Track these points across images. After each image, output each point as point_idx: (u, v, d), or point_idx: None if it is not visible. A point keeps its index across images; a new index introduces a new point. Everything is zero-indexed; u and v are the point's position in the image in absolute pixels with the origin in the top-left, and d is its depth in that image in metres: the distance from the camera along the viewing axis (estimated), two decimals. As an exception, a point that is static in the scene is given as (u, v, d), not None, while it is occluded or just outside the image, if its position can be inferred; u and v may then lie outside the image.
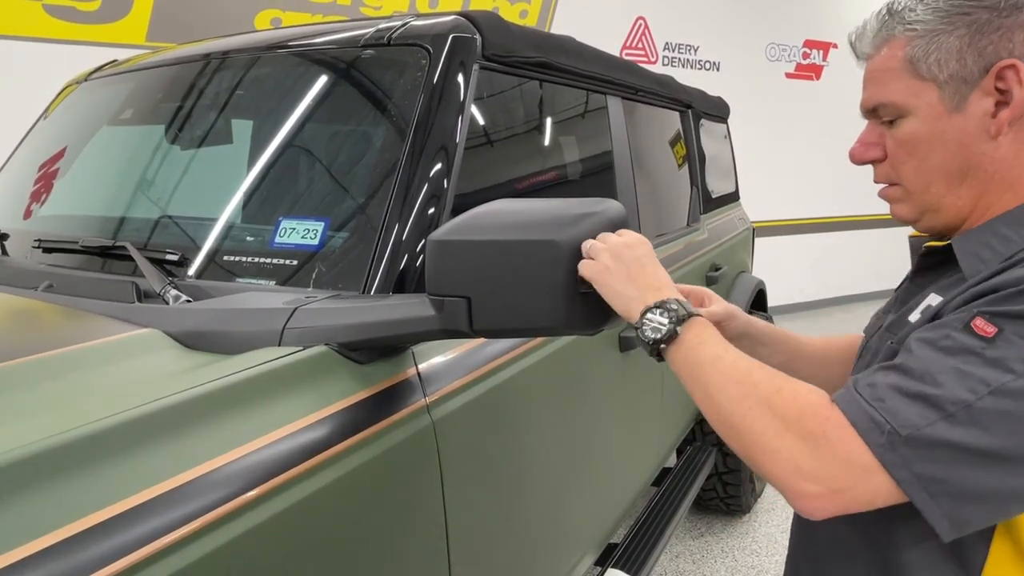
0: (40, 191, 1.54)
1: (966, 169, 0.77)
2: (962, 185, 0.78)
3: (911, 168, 0.81)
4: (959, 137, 0.76)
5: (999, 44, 0.73)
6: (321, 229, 1.08)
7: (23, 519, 0.58)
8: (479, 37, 1.25)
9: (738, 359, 0.76)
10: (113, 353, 0.86)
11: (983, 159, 0.76)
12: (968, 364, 0.65)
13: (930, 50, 0.76)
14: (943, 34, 0.76)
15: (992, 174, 0.77)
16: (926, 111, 0.78)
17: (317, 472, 0.80)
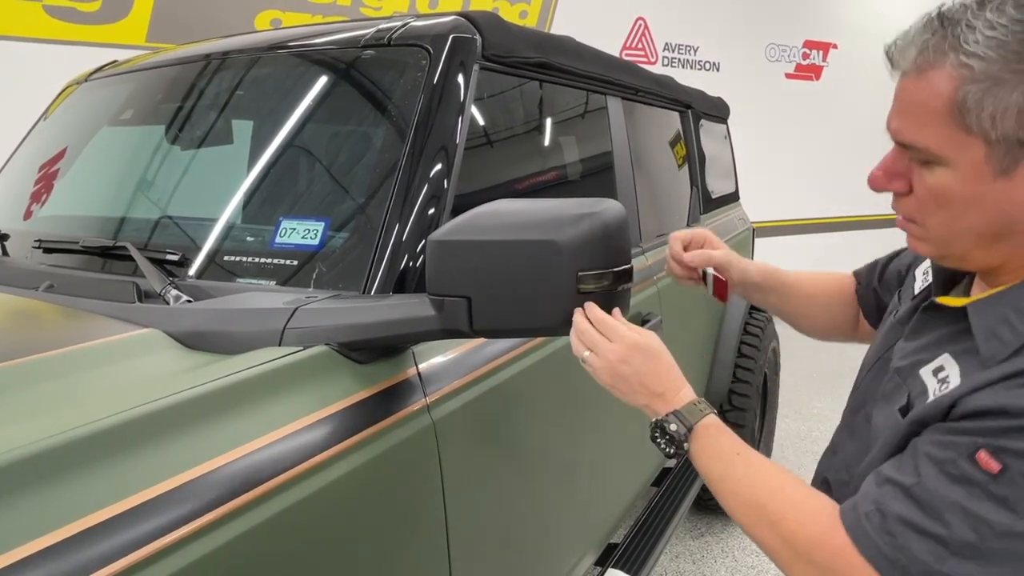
0: (40, 192, 1.54)
1: (1003, 233, 0.69)
2: (994, 245, 0.70)
3: (939, 220, 0.71)
4: (1002, 203, 0.67)
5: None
6: (321, 229, 1.08)
7: (24, 519, 0.58)
8: (479, 37, 1.25)
9: (742, 475, 0.78)
10: (114, 353, 0.86)
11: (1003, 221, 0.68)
12: (973, 499, 0.64)
13: (986, 102, 0.63)
14: (1007, 85, 0.62)
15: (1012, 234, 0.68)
16: (968, 169, 0.66)
17: (317, 472, 0.80)
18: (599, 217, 0.84)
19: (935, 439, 0.68)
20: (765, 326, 2.90)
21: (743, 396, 2.69)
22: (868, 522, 0.69)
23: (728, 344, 2.69)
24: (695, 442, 0.82)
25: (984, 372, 0.67)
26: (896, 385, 0.78)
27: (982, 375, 0.67)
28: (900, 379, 0.78)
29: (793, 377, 4.65)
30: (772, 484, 0.77)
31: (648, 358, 0.84)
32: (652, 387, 0.84)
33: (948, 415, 0.68)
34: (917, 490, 0.67)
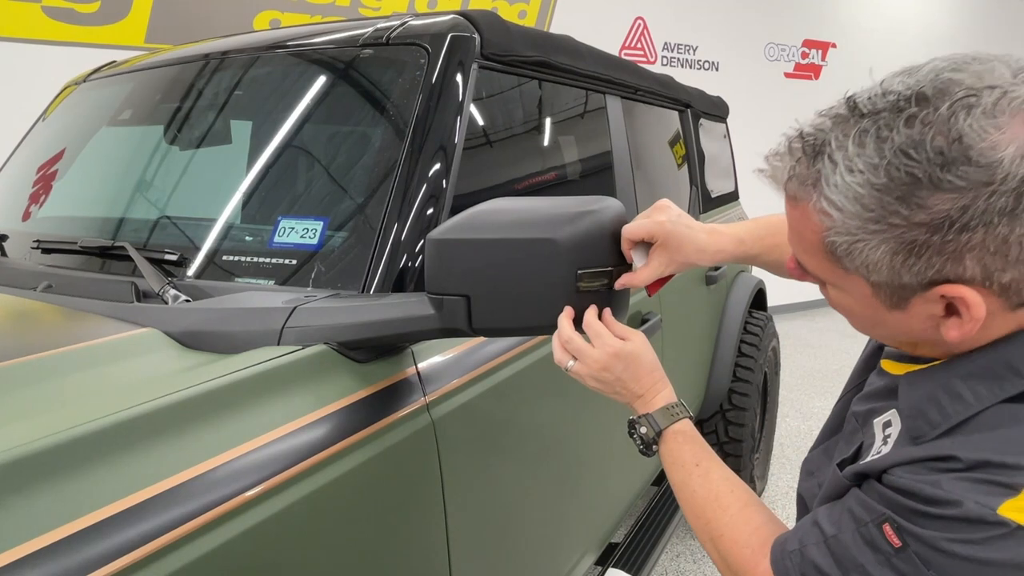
0: (39, 192, 1.54)
1: (907, 339, 0.68)
2: (903, 344, 0.71)
3: (853, 322, 0.71)
4: (904, 327, 0.65)
5: (944, 267, 0.58)
6: (320, 228, 1.08)
7: (23, 518, 0.58)
8: (478, 36, 1.24)
9: (697, 487, 0.82)
10: (112, 353, 0.86)
11: (926, 336, 0.65)
12: (877, 566, 0.63)
13: (853, 254, 0.61)
14: (870, 242, 0.59)
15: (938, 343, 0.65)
16: (860, 299, 0.65)
17: (316, 471, 0.80)
18: (598, 215, 0.84)
19: (860, 498, 0.67)
20: (765, 325, 2.90)
21: (743, 395, 2.69)
22: (789, 560, 0.71)
23: (728, 343, 2.69)
24: (663, 445, 0.87)
25: (910, 448, 0.65)
26: (853, 430, 0.77)
27: (907, 450, 0.65)
28: (857, 424, 0.77)
29: (793, 376, 4.65)
30: (722, 501, 0.81)
31: (629, 363, 0.86)
32: (633, 389, 0.88)
33: (880, 477, 0.66)
34: (833, 543, 0.67)
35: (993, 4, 7.72)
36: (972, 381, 0.63)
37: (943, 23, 7.36)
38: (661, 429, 0.86)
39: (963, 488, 0.59)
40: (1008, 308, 0.60)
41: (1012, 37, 8.00)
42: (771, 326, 3.00)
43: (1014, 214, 0.53)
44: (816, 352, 5.33)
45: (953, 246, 0.56)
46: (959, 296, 0.58)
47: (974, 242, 0.55)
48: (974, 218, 0.53)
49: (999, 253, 0.55)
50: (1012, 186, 0.52)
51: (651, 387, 0.88)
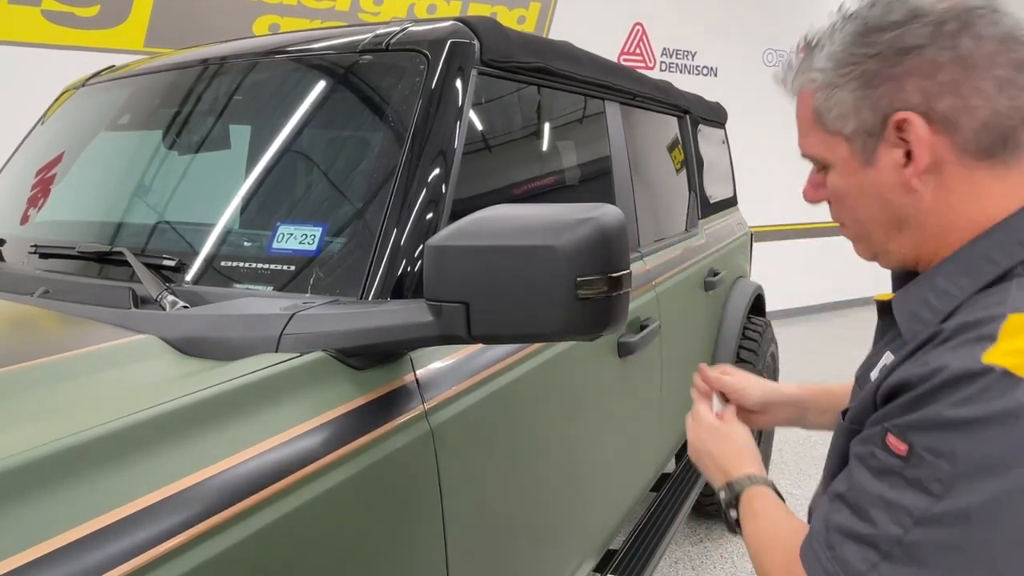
0: (37, 196, 1.53)
1: (898, 220, 0.74)
2: (901, 233, 0.75)
3: (847, 217, 0.79)
4: (879, 191, 0.73)
5: (893, 95, 0.68)
6: (319, 234, 1.08)
7: (19, 526, 0.57)
8: (477, 43, 1.25)
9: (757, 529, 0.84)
10: (110, 359, 0.86)
11: (910, 210, 0.72)
12: (893, 489, 0.62)
13: (830, 104, 0.73)
14: (838, 87, 0.72)
15: (924, 224, 0.72)
16: (842, 166, 0.75)
17: (315, 479, 0.79)
18: (597, 222, 0.84)
19: (860, 437, 0.68)
20: (764, 330, 2.90)
21: (742, 401, 2.69)
22: (815, 541, 0.69)
23: (727, 348, 2.69)
24: (741, 508, 0.88)
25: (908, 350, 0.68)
26: (854, 394, 0.80)
27: (898, 358, 0.69)
28: (858, 387, 0.80)
29: (792, 381, 4.65)
30: (772, 530, 0.82)
31: (720, 440, 0.96)
32: (721, 465, 0.94)
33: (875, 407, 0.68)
34: (849, 495, 0.67)
35: (990, 11, 7.74)
36: (954, 276, 0.69)
37: (941, 29, 7.39)
38: (739, 493, 0.88)
39: (946, 354, 0.63)
40: (958, 153, 0.69)
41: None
42: (770, 331, 3.00)
43: (934, 39, 0.67)
44: (815, 358, 5.33)
45: (896, 71, 0.68)
46: (906, 119, 0.68)
47: (909, 65, 0.68)
48: (907, 45, 0.68)
49: (931, 77, 0.67)
50: (931, 19, 0.67)
51: (737, 463, 0.92)
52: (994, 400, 0.58)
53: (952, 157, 0.68)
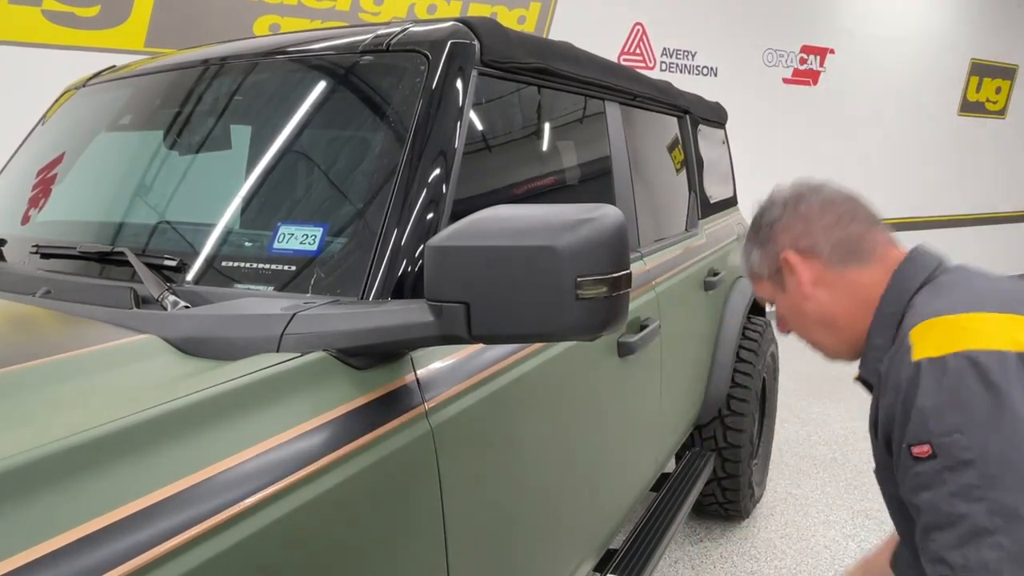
0: (38, 197, 1.54)
1: (819, 320, 1.13)
2: (830, 331, 1.14)
3: (798, 330, 1.19)
4: (796, 305, 1.15)
5: (775, 247, 1.15)
6: (320, 235, 1.08)
7: (22, 524, 0.58)
8: (477, 43, 1.25)
9: None
10: (111, 359, 0.86)
11: (819, 310, 1.12)
12: (948, 483, 0.84)
13: (752, 263, 1.21)
14: (751, 254, 1.21)
15: (835, 315, 1.11)
16: (775, 296, 1.19)
17: (315, 478, 0.80)
18: (597, 223, 0.84)
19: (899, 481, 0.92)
20: (764, 331, 2.91)
21: (742, 401, 2.69)
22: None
23: (727, 348, 2.69)
24: None
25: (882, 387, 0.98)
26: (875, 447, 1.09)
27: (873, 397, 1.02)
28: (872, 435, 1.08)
29: (792, 382, 4.65)
30: None
31: None
32: None
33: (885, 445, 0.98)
34: (931, 521, 0.85)
35: (990, 8, 7.75)
36: (878, 336, 1.06)
37: (941, 28, 7.39)
38: None
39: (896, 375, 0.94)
40: (825, 266, 1.10)
41: (1008, 41, 8.03)
42: (770, 331, 3.00)
43: (783, 212, 1.15)
44: (815, 358, 5.30)
45: (772, 233, 1.16)
46: (787, 256, 1.13)
47: (777, 228, 1.15)
48: (772, 219, 1.17)
49: (790, 230, 1.13)
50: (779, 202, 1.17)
51: None
52: (941, 378, 0.87)
53: (824, 270, 1.11)
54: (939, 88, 7.55)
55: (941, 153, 7.68)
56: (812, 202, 1.13)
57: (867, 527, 2.90)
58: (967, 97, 7.84)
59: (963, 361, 0.86)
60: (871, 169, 6.99)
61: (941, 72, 7.52)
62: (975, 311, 0.92)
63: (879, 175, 7.09)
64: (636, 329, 1.76)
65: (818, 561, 2.66)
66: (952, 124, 7.76)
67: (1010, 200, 8.46)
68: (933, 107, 7.54)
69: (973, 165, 8.02)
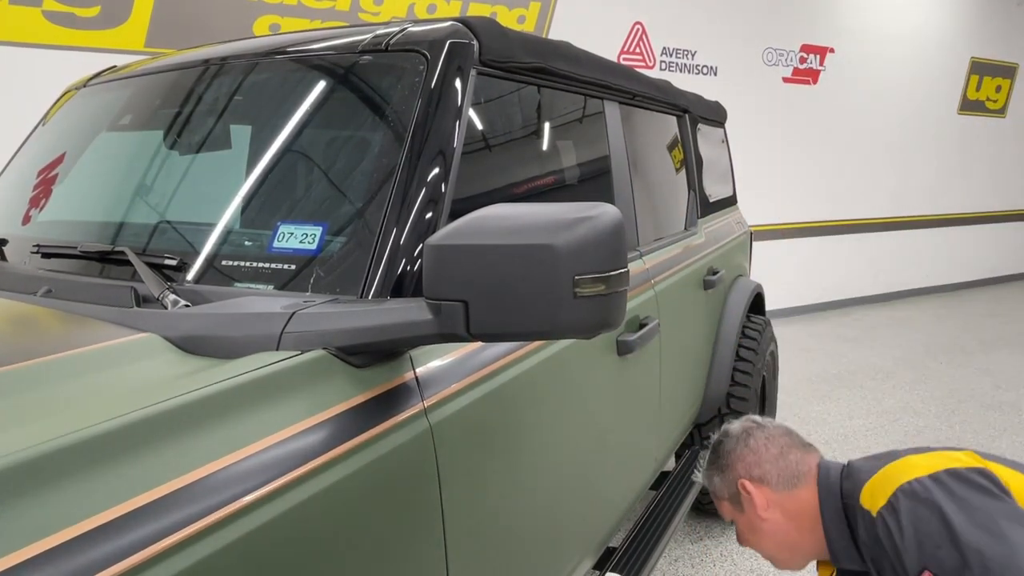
0: (39, 197, 1.54)
1: (778, 541, 1.36)
2: (788, 549, 1.37)
3: (755, 547, 1.42)
4: (754, 525, 1.37)
5: (733, 474, 1.38)
6: (319, 234, 1.08)
7: (24, 522, 0.58)
8: (476, 43, 1.25)
9: None
10: (112, 358, 0.87)
11: (776, 530, 1.35)
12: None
13: (714, 486, 1.43)
14: (713, 477, 1.44)
15: (791, 536, 1.34)
16: (735, 516, 1.41)
17: (315, 476, 0.80)
18: (595, 221, 0.84)
19: None
20: (763, 329, 2.91)
21: (741, 399, 2.69)
22: None
23: (726, 347, 2.70)
24: None
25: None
26: None
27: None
28: None
29: (791, 380, 4.66)
30: None
31: None
32: None
33: None
34: None
35: (989, 8, 7.74)
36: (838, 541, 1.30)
37: (940, 27, 7.39)
38: None
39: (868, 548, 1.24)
40: (775, 491, 1.35)
41: (1008, 39, 8.02)
42: (769, 330, 3.01)
43: (736, 445, 1.42)
44: (814, 356, 5.33)
45: (729, 462, 1.41)
46: (744, 484, 1.37)
47: (732, 459, 1.40)
48: (727, 450, 1.42)
49: (744, 460, 1.39)
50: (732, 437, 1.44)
51: None
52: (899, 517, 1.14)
53: (776, 494, 1.35)
54: (939, 87, 7.55)
55: (941, 152, 7.68)
56: (758, 437, 1.39)
57: (867, 525, 2.91)
58: (967, 96, 7.84)
59: (902, 496, 1.14)
60: (871, 168, 6.99)
61: (941, 71, 7.52)
62: (893, 461, 1.22)
63: (879, 174, 7.09)
64: (635, 328, 1.76)
65: (818, 559, 2.67)
66: (952, 123, 7.76)
67: (1010, 199, 8.46)
68: (933, 106, 7.54)
69: (973, 164, 8.02)
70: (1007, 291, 8.14)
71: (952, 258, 8.01)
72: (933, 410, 4.17)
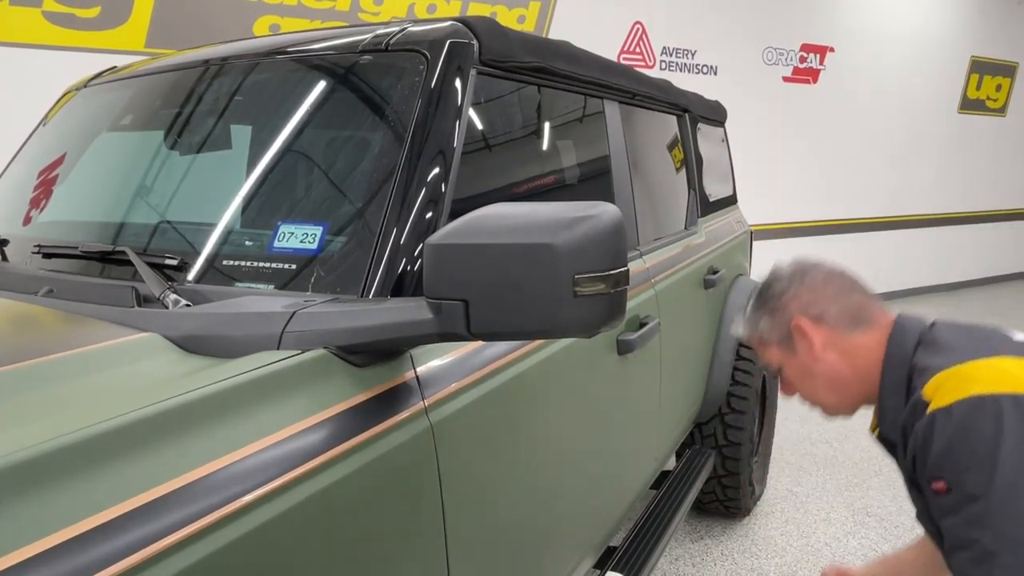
0: (40, 197, 1.54)
1: (828, 381, 1.25)
2: (836, 391, 1.26)
3: (805, 393, 1.31)
4: (806, 367, 1.26)
5: (785, 314, 1.26)
6: (319, 233, 1.09)
7: (25, 521, 0.58)
8: (476, 43, 1.25)
9: None
10: (113, 357, 0.87)
11: (829, 372, 1.24)
12: (963, 514, 0.99)
13: (760, 331, 1.31)
14: (759, 322, 1.31)
15: (844, 377, 1.23)
16: (783, 361, 1.30)
17: (315, 475, 0.80)
18: (595, 220, 0.85)
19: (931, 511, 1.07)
20: (763, 329, 2.91)
21: (742, 399, 2.70)
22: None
23: (727, 346, 2.70)
24: None
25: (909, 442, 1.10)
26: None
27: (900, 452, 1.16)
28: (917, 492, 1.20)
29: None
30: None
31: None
32: None
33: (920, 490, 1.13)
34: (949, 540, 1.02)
35: (989, 7, 7.74)
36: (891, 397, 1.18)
37: (940, 26, 7.39)
38: None
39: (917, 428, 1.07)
40: (833, 331, 1.23)
41: (1008, 38, 8.02)
42: (769, 330, 3.00)
43: (790, 284, 1.27)
44: (815, 355, 5.33)
45: (782, 303, 1.27)
46: (799, 324, 1.24)
47: (786, 299, 1.27)
48: (780, 292, 1.28)
49: (799, 299, 1.25)
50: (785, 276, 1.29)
51: None
52: (949, 424, 1.02)
53: (833, 335, 1.23)
54: (939, 86, 7.54)
55: (941, 151, 7.67)
56: (816, 275, 1.27)
57: (867, 524, 2.91)
58: (967, 95, 7.83)
59: (967, 406, 1.01)
60: (871, 167, 6.99)
61: (941, 70, 7.51)
62: (973, 359, 1.07)
63: (879, 173, 7.09)
64: (635, 327, 1.76)
65: (819, 558, 2.67)
66: (952, 122, 7.76)
67: (1009, 198, 8.46)
68: (933, 105, 7.53)
69: (973, 163, 8.01)
70: (1006, 290, 8.14)
71: (951, 257, 8.01)
72: (933, 409, 4.17)
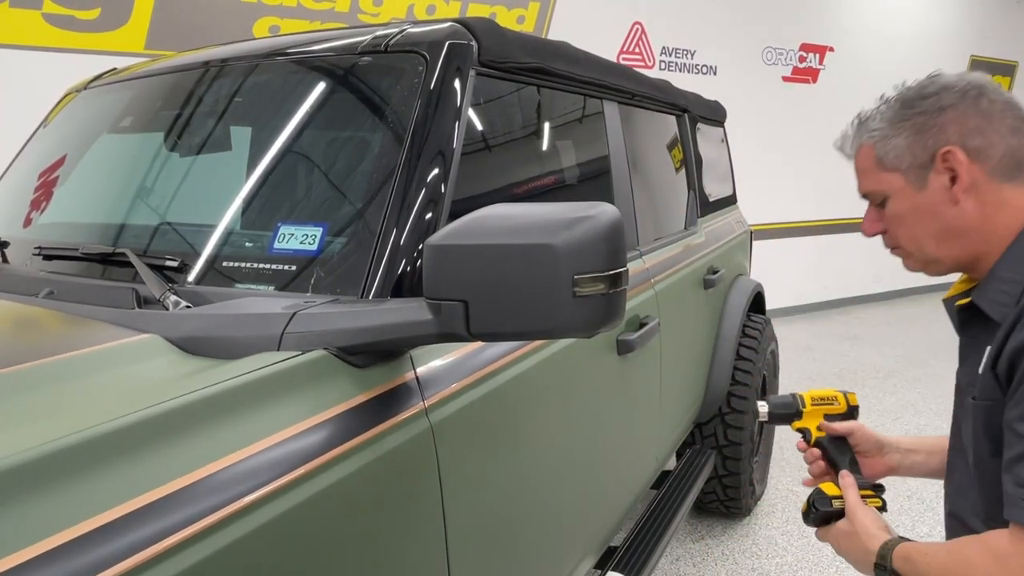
0: (40, 199, 1.54)
1: (947, 230, 0.99)
2: (949, 243, 1.00)
3: (904, 236, 1.04)
4: (931, 208, 1.00)
5: (938, 136, 0.97)
6: (319, 234, 1.09)
7: (25, 522, 0.59)
8: (475, 44, 1.26)
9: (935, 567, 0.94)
10: (113, 359, 0.87)
11: (956, 220, 0.98)
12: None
13: (888, 150, 1.01)
14: (893, 137, 1.01)
15: (968, 230, 0.98)
16: (900, 194, 1.02)
17: (315, 476, 0.80)
18: (594, 220, 0.85)
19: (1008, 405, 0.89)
20: (764, 328, 2.91)
21: (742, 398, 2.70)
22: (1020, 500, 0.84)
23: (727, 346, 2.70)
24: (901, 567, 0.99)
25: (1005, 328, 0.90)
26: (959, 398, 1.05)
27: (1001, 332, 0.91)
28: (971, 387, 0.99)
29: (792, 379, 4.65)
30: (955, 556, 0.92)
31: (846, 538, 1.09)
32: (859, 555, 1.06)
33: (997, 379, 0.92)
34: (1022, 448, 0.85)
35: (989, 6, 7.74)
36: (1012, 268, 0.96)
37: (940, 25, 7.39)
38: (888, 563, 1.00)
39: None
40: (988, 176, 0.96)
41: (1008, 37, 8.02)
42: (769, 329, 3.01)
43: (962, 100, 0.97)
44: (815, 355, 5.33)
45: (939, 120, 0.98)
46: (950, 151, 0.96)
47: (947, 117, 0.97)
48: (944, 104, 0.98)
49: (963, 123, 0.96)
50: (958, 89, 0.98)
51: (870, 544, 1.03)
52: None
53: (985, 179, 0.96)
54: (939, 85, 7.53)
55: (941, 150, 7.67)
56: (995, 99, 0.97)
57: (868, 524, 2.91)
58: (967, 94, 7.83)
59: None
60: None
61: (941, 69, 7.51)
62: None
63: (879, 173, 7.07)
64: (635, 327, 1.77)
65: (819, 558, 2.67)
66: (952, 121, 7.75)
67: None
68: (933, 104, 7.52)
69: (973, 162, 8.00)
70: (1008, 289, 8.12)
71: None
72: (934, 408, 4.17)
